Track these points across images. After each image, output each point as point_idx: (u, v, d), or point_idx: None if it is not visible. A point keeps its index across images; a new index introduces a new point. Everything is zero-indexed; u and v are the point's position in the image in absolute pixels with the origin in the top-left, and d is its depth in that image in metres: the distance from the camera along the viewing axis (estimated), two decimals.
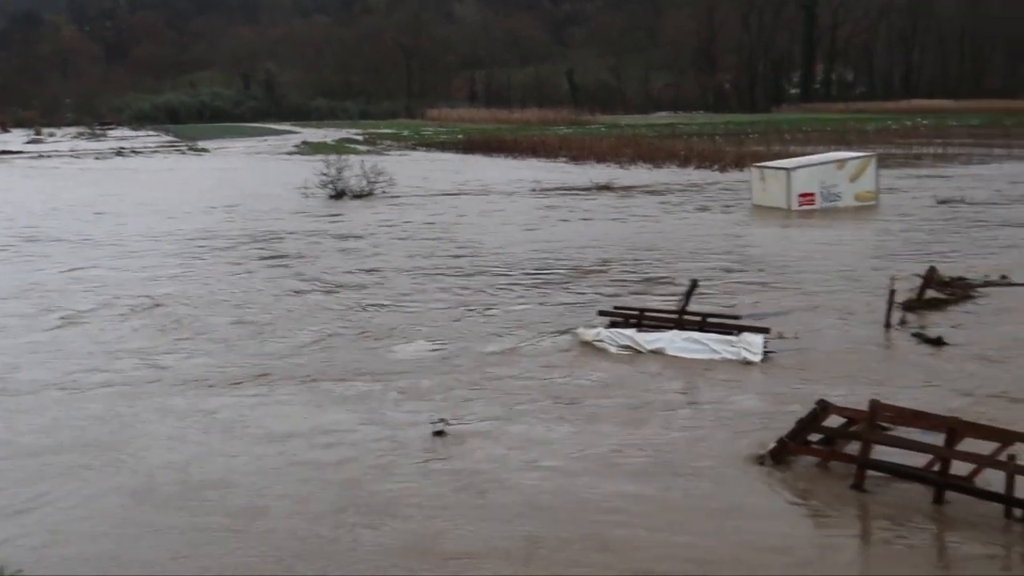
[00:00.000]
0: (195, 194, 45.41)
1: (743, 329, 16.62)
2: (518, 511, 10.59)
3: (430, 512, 10.61)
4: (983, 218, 32.87)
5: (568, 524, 10.24)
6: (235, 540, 10.11)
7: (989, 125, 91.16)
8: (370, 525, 10.34)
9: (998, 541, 9.86)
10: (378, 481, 11.48)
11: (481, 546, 9.81)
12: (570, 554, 9.62)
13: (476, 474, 11.61)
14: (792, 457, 11.84)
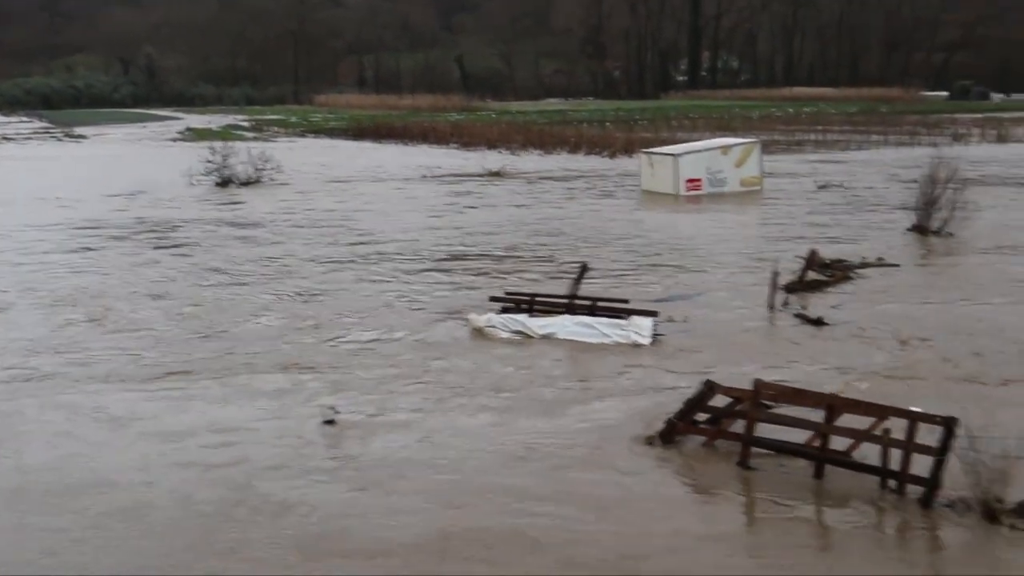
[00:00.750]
0: (78, 182, 43.80)
1: (632, 313, 16.88)
2: (420, 505, 10.57)
3: (331, 508, 10.49)
4: (861, 202, 34.06)
5: (474, 516, 10.28)
6: (111, 540, 9.84)
7: (866, 113, 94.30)
8: (265, 523, 10.18)
9: (873, 511, 10.27)
10: (275, 477, 11.31)
11: (388, 543, 9.76)
12: (480, 549, 9.65)
13: (377, 467, 11.53)
14: (681, 437, 12.11)
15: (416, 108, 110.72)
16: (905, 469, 10.49)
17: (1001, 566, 9.19)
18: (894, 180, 39.50)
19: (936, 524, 9.94)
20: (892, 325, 17.40)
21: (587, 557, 9.32)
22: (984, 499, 9.91)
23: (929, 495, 10.21)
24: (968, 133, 67.94)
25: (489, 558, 9.35)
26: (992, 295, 19.64)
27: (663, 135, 62.15)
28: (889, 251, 24.07)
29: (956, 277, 21.65)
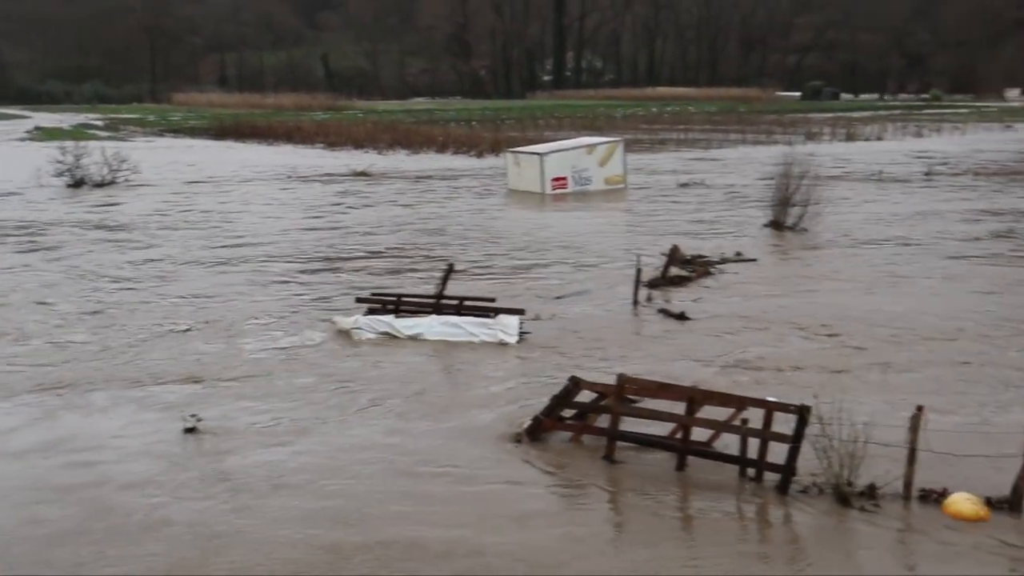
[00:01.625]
0: None
1: (499, 311, 16.96)
2: (294, 516, 10.36)
3: (201, 528, 10.18)
4: (721, 199, 35.08)
5: (347, 526, 10.13)
6: None
7: (726, 112, 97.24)
8: (126, 547, 9.80)
9: (733, 499, 10.57)
10: (135, 495, 10.90)
11: (270, 558, 9.52)
12: (364, 561, 9.52)
13: (246, 478, 11.23)
14: (547, 433, 12.22)
15: (280, 107, 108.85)
16: (762, 457, 10.83)
17: (853, 547, 9.57)
18: (752, 178, 40.82)
19: (792, 509, 10.29)
20: (750, 318, 17.97)
21: (455, 557, 9.30)
22: (836, 483, 10.32)
23: (785, 482, 10.57)
24: (820, 132, 70.85)
25: (375, 570, 9.23)
26: (842, 287, 20.50)
27: (530, 134, 62.70)
28: (747, 246, 24.87)
29: (809, 270, 22.50)
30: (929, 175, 42.07)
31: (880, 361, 15.26)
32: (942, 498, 10.22)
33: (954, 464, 10.70)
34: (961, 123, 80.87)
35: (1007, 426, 11.41)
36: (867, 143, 63.60)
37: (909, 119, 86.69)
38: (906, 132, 72.19)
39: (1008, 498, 10.11)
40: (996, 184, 38.96)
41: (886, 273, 21.86)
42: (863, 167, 45.81)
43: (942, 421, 11.74)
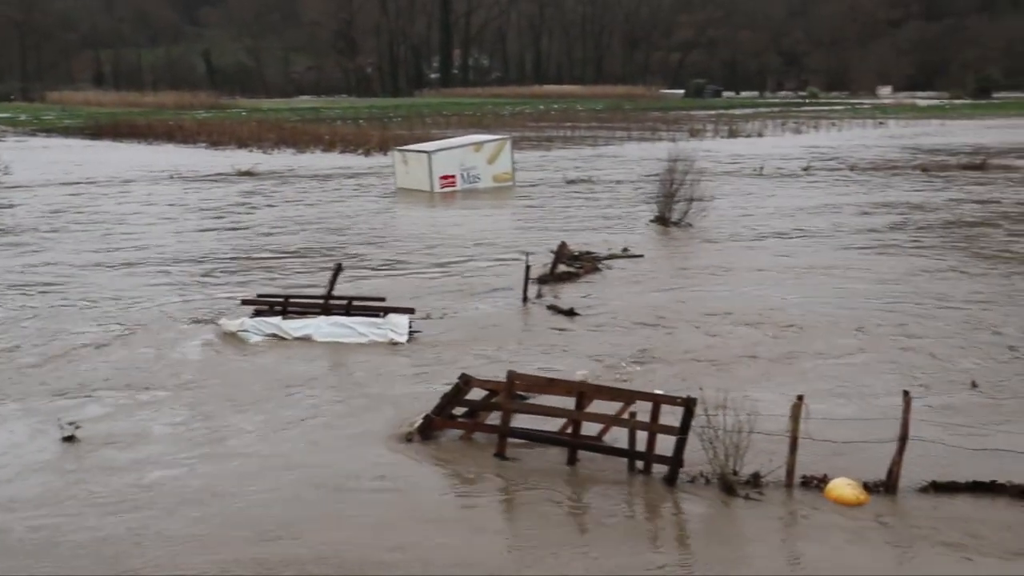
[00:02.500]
0: None
1: (389, 311, 16.81)
2: (183, 529, 10.06)
3: (83, 536, 9.80)
4: (608, 195, 35.50)
5: (233, 533, 9.88)
6: None
7: (612, 109, 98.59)
8: (13, 560, 9.39)
9: (623, 492, 10.69)
10: (22, 508, 10.45)
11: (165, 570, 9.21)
12: (248, 567, 9.28)
13: (133, 489, 10.87)
14: (439, 432, 12.16)
15: (160, 106, 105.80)
16: (651, 450, 10.99)
17: (738, 534, 9.78)
18: (638, 174, 41.44)
19: (680, 500, 10.47)
20: (638, 312, 18.22)
21: (348, 554, 9.17)
22: (722, 473, 10.54)
23: (673, 473, 10.75)
24: (703, 129, 72.39)
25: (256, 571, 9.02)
26: (728, 280, 20.96)
27: (417, 132, 62.41)
28: (634, 242, 25.22)
29: (695, 264, 22.94)
30: (807, 170, 43.39)
31: (765, 352, 15.66)
32: (823, 484, 10.53)
33: (834, 451, 11.05)
34: (837, 119, 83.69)
35: (884, 412, 11.80)
36: (749, 139, 65.24)
37: (788, 116, 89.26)
38: (785, 128, 74.31)
39: (884, 481, 10.48)
40: (876, 177, 40.41)
41: (771, 266, 22.45)
42: (745, 164, 46.95)
43: (823, 410, 12.11)
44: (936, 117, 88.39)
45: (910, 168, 44.26)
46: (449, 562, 9.16)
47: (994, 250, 24.35)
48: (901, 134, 68.02)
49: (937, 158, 48.76)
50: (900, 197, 34.27)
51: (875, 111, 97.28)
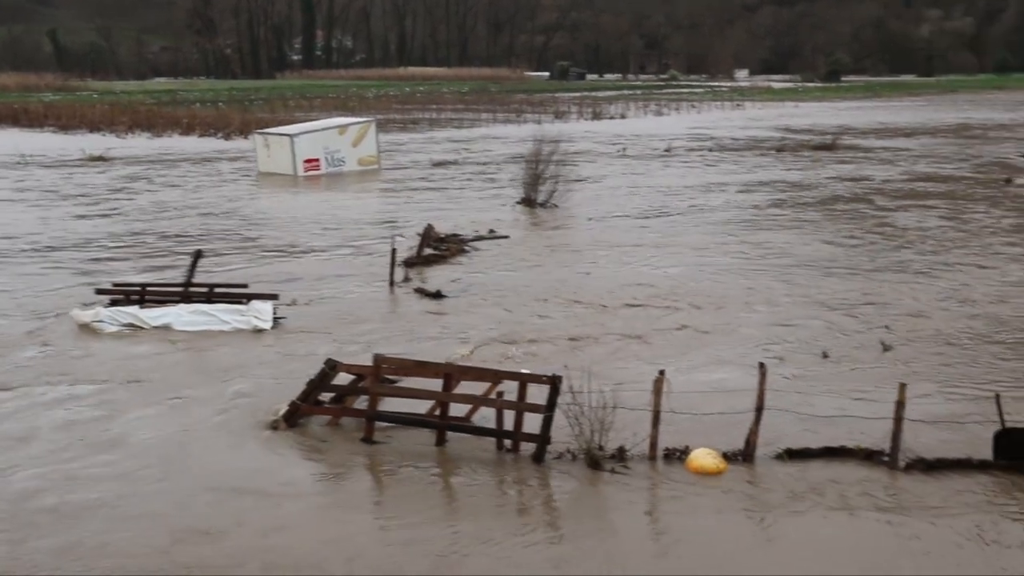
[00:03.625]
0: None
1: (252, 297, 16.46)
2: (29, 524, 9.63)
3: None
4: (474, 177, 35.57)
5: (85, 530, 9.52)
6: None
7: (477, 92, 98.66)
8: None
9: (492, 471, 10.76)
10: None
11: None
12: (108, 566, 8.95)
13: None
14: (305, 419, 11.99)
15: (2, 88, 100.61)
16: (518, 428, 11.09)
17: (605, 507, 9.97)
18: (504, 156, 41.63)
19: (548, 477, 10.60)
20: (504, 293, 18.35)
21: (207, 546, 8.97)
22: (588, 448, 10.72)
23: (541, 451, 10.87)
24: (568, 111, 73.21)
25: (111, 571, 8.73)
26: (592, 259, 21.29)
27: (280, 115, 61.18)
28: (500, 223, 25.35)
29: (560, 245, 23.20)
30: (669, 151, 44.38)
31: (629, 328, 15.98)
32: (685, 455, 10.83)
33: (696, 422, 11.36)
34: (697, 102, 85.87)
35: (742, 384, 12.19)
36: (612, 121, 66.32)
37: (650, 98, 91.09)
38: (648, 110, 75.81)
39: (742, 450, 10.85)
40: (737, 157, 41.63)
41: (635, 244, 22.89)
42: (610, 146, 47.71)
43: (685, 382, 12.44)
44: (790, 99, 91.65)
45: (768, 148, 45.77)
46: (315, 547, 9.05)
47: (854, 225, 25.41)
48: (759, 116, 70.28)
49: (803, 137, 50.58)
50: (762, 176, 35.43)
51: (733, 93, 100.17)
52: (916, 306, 17.41)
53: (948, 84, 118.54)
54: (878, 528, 9.43)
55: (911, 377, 12.80)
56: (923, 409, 11.76)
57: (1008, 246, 22.59)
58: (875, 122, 63.14)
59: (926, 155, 43.06)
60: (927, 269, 20.34)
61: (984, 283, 19.02)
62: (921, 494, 10.08)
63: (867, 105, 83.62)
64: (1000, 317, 16.66)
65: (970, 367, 14.10)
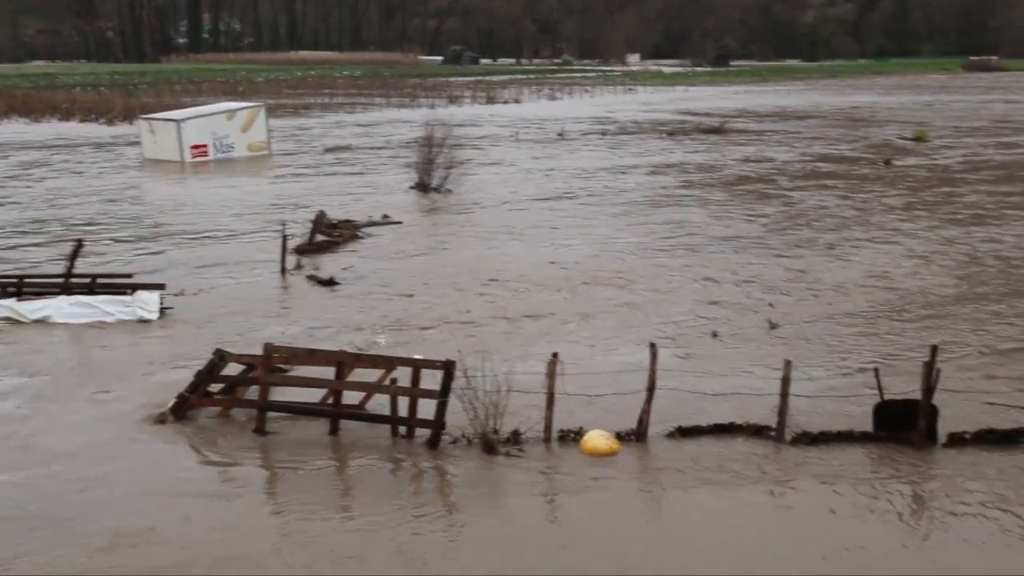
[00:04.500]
0: None
1: (137, 287, 15.99)
2: None
3: None
4: (367, 162, 35.19)
5: None
6: None
7: (370, 76, 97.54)
8: None
9: (386, 458, 10.67)
10: None
11: None
12: None
13: None
14: (194, 411, 11.70)
15: None
16: (413, 414, 11.03)
17: (500, 491, 9.99)
18: (398, 141, 41.28)
19: (443, 462, 10.57)
20: (398, 278, 18.21)
21: (94, 541, 8.69)
22: (483, 432, 10.72)
23: (436, 436, 10.83)
24: (462, 95, 72.98)
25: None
26: (484, 243, 21.29)
27: (166, 100, 59.45)
28: (393, 209, 25.13)
29: (455, 229, 23.14)
30: (562, 135, 44.63)
31: (523, 311, 16.04)
32: (579, 437, 10.92)
33: (589, 404, 11.47)
34: (590, 86, 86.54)
35: (635, 364, 12.34)
36: (507, 105, 66.36)
37: (544, 82, 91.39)
38: (541, 95, 76.09)
39: (635, 430, 11.00)
40: (627, 140, 42.08)
41: (529, 227, 22.95)
42: (505, 129, 47.74)
43: (579, 364, 12.54)
44: (680, 84, 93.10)
45: (658, 132, 46.43)
46: (206, 540, 8.85)
47: (754, 207, 25.95)
48: (652, 100, 71.22)
49: (703, 120, 51.40)
50: (654, 159, 35.93)
51: (625, 78, 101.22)
52: (806, 283, 17.89)
53: (831, 69, 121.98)
54: (764, 500, 9.69)
55: (798, 354, 13.16)
56: (808, 385, 12.11)
57: (901, 222, 23.39)
58: (767, 105, 64.65)
59: (818, 137, 44.31)
60: (822, 247, 20.91)
61: (873, 261, 19.63)
62: (806, 466, 10.39)
63: (756, 89, 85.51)
64: (885, 294, 17.24)
65: (854, 342, 14.57)
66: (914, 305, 16.56)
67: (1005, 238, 21.94)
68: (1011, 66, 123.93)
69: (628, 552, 8.78)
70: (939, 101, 69.20)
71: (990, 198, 27.45)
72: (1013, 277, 18.54)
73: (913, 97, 73.47)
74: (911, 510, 9.57)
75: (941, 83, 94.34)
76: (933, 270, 18.97)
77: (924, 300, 16.89)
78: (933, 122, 51.28)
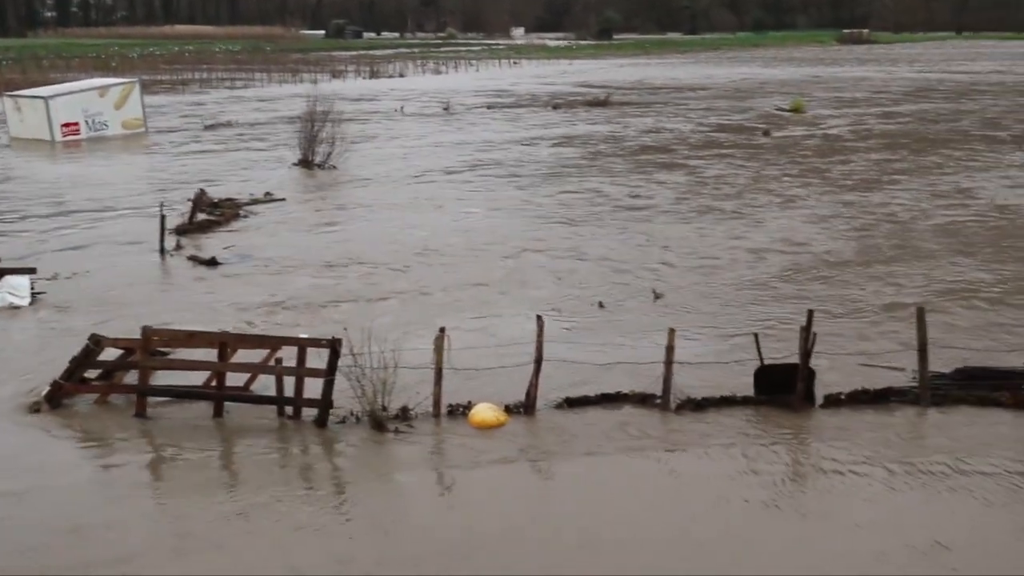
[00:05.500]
0: None
1: (4, 272, 15.32)
2: None
3: None
4: (248, 139, 34.41)
5: None
6: None
7: (250, 51, 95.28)
8: None
9: (274, 439, 10.51)
10: None
11: None
12: None
13: None
14: (70, 398, 11.30)
15: None
16: (299, 394, 10.88)
17: (390, 467, 9.94)
18: (280, 117, 40.46)
19: (331, 441, 10.47)
20: (283, 256, 17.89)
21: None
22: (371, 410, 10.64)
23: (323, 415, 10.71)
24: (345, 70, 71.97)
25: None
26: (370, 219, 21.07)
27: (33, 76, 56.95)
28: (277, 186, 24.66)
29: (339, 205, 22.85)
30: (448, 109, 44.42)
31: (410, 287, 15.96)
32: (467, 410, 10.93)
33: (478, 377, 11.48)
34: (475, 60, 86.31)
35: (522, 337, 12.37)
36: (391, 80, 65.72)
37: (428, 56, 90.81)
38: (426, 69, 75.56)
39: (523, 402, 11.06)
40: (514, 113, 42.13)
41: (413, 202, 22.83)
42: (388, 103, 47.26)
43: (467, 338, 12.54)
44: (565, 57, 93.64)
45: (547, 105, 46.62)
46: (81, 533, 8.57)
47: (645, 171, 26.26)
48: (541, 73, 71.45)
49: (597, 92, 51.72)
50: (545, 132, 36.03)
51: (510, 51, 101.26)
52: (694, 252, 18.20)
53: (711, 42, 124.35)
54: (648, 466, 9.88)
55: (683, 322, 13.44)
56: (693, 352, 12.35)
57: (786, 190, 23.99)
58: (659, 77, 65.57)
59: (710, 109, 45.10)
60: (713, 217, 21.31)
61: (755, 230, 20.09)
62: (689, 431, 10.63)
63: (641, 62, 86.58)
64: (771, 261, 17.68)
65: (738, 309, 14.91)
66: (797, 271, 17.04)
67: (890, 205, 22.71)
68: (881, 38, 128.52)
69: (516, 518, 8.85)
70: (823, 73, 71.25)
71: (875, 166, 28.41)
72: (886, 245, 19.21)
73: (795, 69, 75.48)
74: (788, 469, 9.87)
75: (818, 56, 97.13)
76: (814, 236, 19.54)
77: (808, 266, 17.40)
78: (814, 93, 52.79)
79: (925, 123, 39.50)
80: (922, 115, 42.48)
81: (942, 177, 26.40)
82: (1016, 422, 10.81)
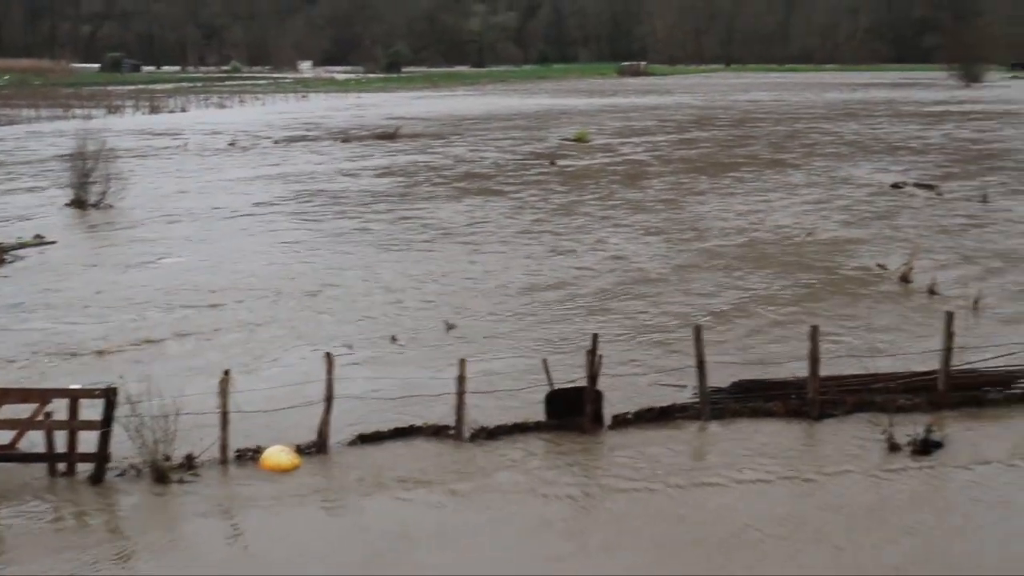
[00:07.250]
0: None
1: None
2: None
3: None
4: (16, 180, 32.36)
5: None
6: None
7: (16, 85, 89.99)
8: None
9: (44, 500, 9.79)
10: None
11: None
12: None
13: None
14: None
15: None
16: (72, 449, 10.21)
17: (174, 520, 9.46)
18: (51, 156, 38.28)
19: (108, 496, 9.87)
20: (51, 303, 16.88)
21: None
22: (153, 460, 10.10)
23: (100, 470, 10.10)
24: (123, 105, 69.03)
25: None
26: (147, 260, 20.19)
27: None
28: (47, 228, 23.26)
29: (113, 246, 21.81)
30: (233, 144, 43.30)
31: (190, 329, 15.34)
32: (257, 455, 10.57)
33: (267, 420, 11.11)
34: (262, 93, 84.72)
35: (312, 375, 12.07)
36: (172, 115, 63.53)
37: (212, 90, 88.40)
38: (210, 103, 73.49)
39: (316, 442, 10.80)
40: (298, 148, 41.46)
41: (191, 242, 22.05)
42: (169, 140, 45.62)
43: (254, 380, 12.18)
44: (355, 90, 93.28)
45: (331, 138, 46.18)
46: None
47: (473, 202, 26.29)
48: (330, 106, 70.78)
49: (386, 125, 51.47)
50: (314, 168, 35.59)
51: (297, 85, 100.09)
52: (487, 281, 18.35)
53: (499, 74, 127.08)
54: (442, 498, 9.85)
55: (476, 350, 13.52)
56: (486, 380, 12.42)
57: (574, 218, 24.60)
58: (461, 109, 66.17)
59: (507, 138, 45.84)
60: (507, 244, 21.60)
61: (555, 260, 20.49)
62: (480, 460, 10.67)
63: (432, 95, 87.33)
64: (562, 288, 18.05)
65: (529, 335, 15.11)
66: (587, 295, 17.47)
67: (688, 223, 23.68)
68: (657, 70, 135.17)
69: (308, 560, 8.61)
70: (609, 103, 73.98)
71: (672, 188, 29.57)
72: (682, 265, 20.01)
73: (584, 100, 77.99)
74: (578, 490, 10.05)
75: (601, 87, 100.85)
76: (593, 263, 20.10)
77: (599, 288, 17.86)
78: (606, 122, 54.77)
79: (722, 147, 41.71)
80: (714, 140, 44.89)
81: (740, 197, 27.99)
82: (786, 431, 11.44)
